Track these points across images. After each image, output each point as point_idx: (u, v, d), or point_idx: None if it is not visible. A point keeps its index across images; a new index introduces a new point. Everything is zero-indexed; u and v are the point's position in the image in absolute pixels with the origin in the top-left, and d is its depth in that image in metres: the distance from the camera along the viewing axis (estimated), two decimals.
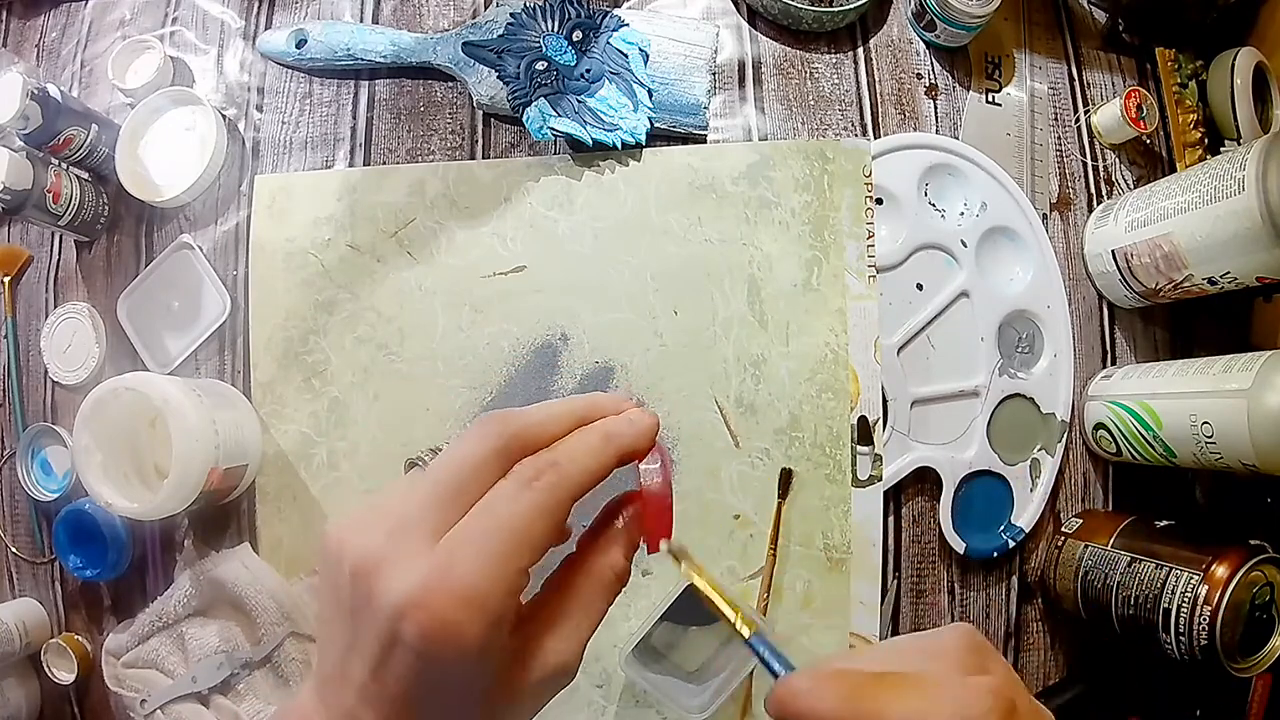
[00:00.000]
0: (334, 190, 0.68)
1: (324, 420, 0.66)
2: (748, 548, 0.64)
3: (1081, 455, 0.68)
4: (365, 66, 0.70)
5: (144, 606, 0.65)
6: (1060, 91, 0.72)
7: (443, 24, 0.71)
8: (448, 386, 0.66)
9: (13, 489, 0.70)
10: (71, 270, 0.72)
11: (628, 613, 0.64)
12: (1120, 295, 0.67)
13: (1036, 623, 0.67)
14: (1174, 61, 0.73)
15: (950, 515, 0.65)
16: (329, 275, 0.67)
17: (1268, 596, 0.53)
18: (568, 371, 0.66)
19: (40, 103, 0.63)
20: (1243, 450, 0.53)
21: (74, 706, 0.69)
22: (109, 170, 0.69)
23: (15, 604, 0.69)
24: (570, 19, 0.68)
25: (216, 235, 0.69)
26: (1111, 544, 0.60)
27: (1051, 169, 0.71)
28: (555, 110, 0.67)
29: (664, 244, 0.67)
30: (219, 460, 0.60)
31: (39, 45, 0.76)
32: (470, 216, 0.68)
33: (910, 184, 0.68)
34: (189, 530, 0.67)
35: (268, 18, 0.73)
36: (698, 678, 0.62)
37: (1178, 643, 0.53)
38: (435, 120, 0.70)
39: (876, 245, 0.67)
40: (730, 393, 0.66)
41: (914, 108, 0.70)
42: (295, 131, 0.70)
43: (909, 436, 0.66)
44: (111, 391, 0.58)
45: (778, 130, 0.69)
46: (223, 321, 0.68)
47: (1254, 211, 0.53)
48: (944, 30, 0.68)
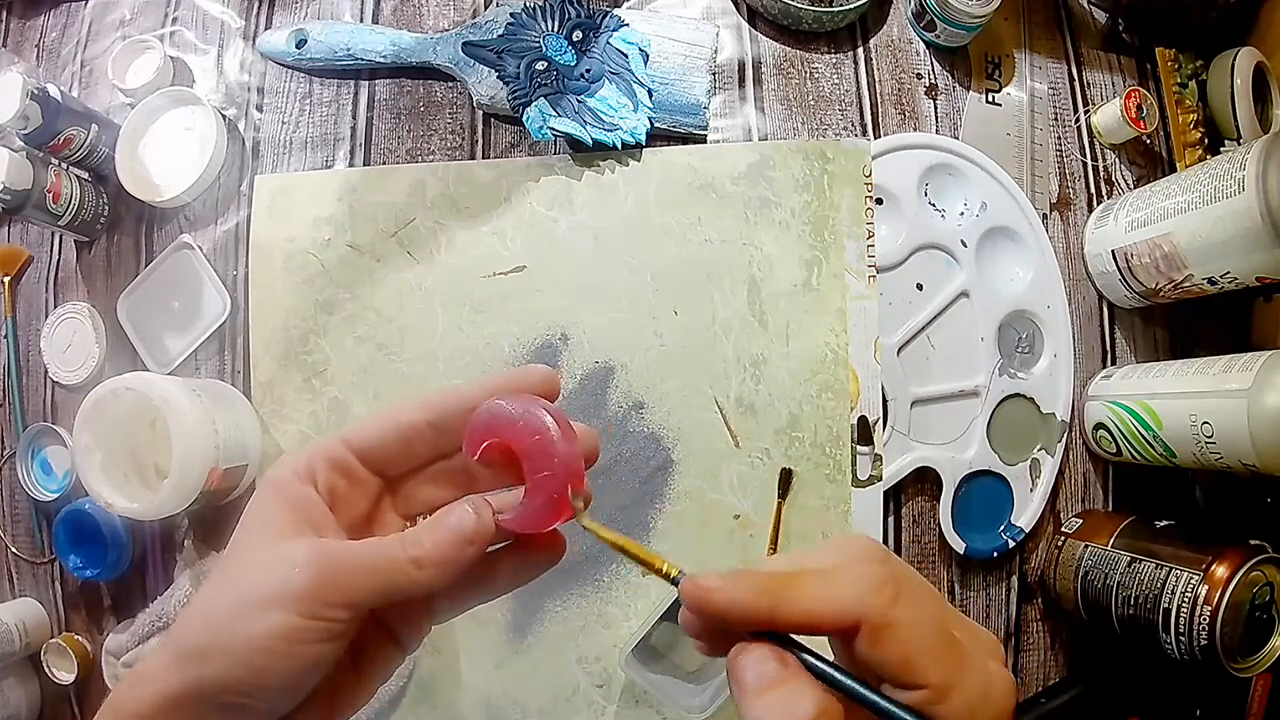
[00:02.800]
0: (334, 190, 0.68)
1: (324, 420, 0.66)
2: (748, 548, 0.64)
3: (1081, 455, 0.68)
4: (365, 66, 0.70)
5: (144, 606, 0.65)
6: (1060, 91, 0.72)
7: (443, 24, 0.71)
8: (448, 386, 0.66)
9: (13, 489, 0.70)
10: (71, 270, 0.72)
11: (628, 613, 0.64)
12: (1120, 295, 0.67)
13: (1036, 623, 0.67)
14: (1174, 61, 0.73)
15: (950, 515, 0.65)
16: (329, 275, 0.67)
17: (1268, 596, 0.53)
18: (568, 371, 0.66)
19: (40, 103, 0.63)
20: (1243, 450, 0.53)
21: (74, 706, 0.69)
22: (109, 170, 0.69)
23: (15, 604, 0.69)
24: (570, 19, 0.68)
25: (216, 235, 0.69)
26: (1111, 544, 0.60)
27: (1051, 169, 0.71)
28: (555, 110, 0.67)
29: (664, 244, 0.67)
30: (219, 460, 0.60)
31: (39, 45, 0.76)
32: (470, 216, 0.68)
33: (910, 184, 0.68)
34: (189, 530, 0.67)
35: (268, 18, 0.73)
36: (698, 678, 0.62)
37: (1178, 643, 0.53)
38: (435, 120, 0.70)
39: (876, 245, 0.67)
40: (730, 393, 0.66)
41: (914, 108, 0.70)
42: (295, 131, 0.70)
43: (909, 436, 0.66)
44: (111, 391, 0.58)
45: (778, 130, 0.69)
46: (223, 321, 0.68)
47: (1254, 211, 0.53)
48: (944, 30, 0.68)
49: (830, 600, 0.25)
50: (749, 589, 0.25)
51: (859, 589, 0.24)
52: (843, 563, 0.26)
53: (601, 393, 0.66)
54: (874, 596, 0.24)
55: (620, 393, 0.66)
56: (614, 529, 0.29)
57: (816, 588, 0.25)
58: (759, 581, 0.25)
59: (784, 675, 0.25)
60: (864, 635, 0.24)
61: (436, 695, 0.64)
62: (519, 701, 0.63)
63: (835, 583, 0.25)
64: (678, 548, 0.64)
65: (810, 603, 0.25)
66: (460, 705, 0.64)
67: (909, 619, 0.24)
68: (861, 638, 0.24)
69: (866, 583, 0.25)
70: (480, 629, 0.64)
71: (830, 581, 0.25)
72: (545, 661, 0.63)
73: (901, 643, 0.24)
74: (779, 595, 0.25)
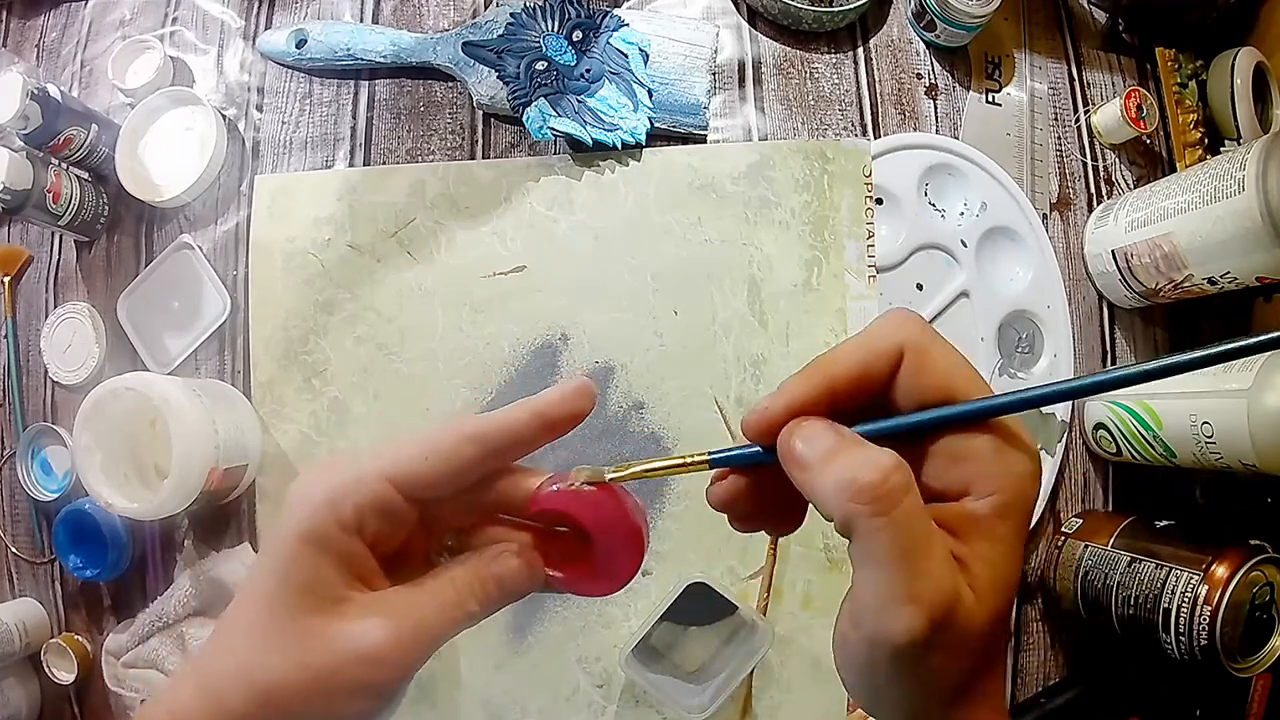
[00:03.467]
0: (334, 190, 0.68)
1: (324, 420, 0.66)
2: (748, 548, 0.64)
3: (1081, 455, 0.68)
4: (365, 66, 0.70)
5: (144, 606, 0.65)
6: (1060, 91, 0.72)
7: (443, 24, 0.71)
8: (448, 386, 0.66)
9: (13, 489, 0.70)
10: (71, 270, 0.72)
11: (628, 613, 0.64)
12: (1120, 295, 0.67)
13: (1036, 623, 0.67)
14: (1174, 61, 0.73)
15: None
16: (329, 275, 0.67)
17: (1268, 596, 0.53)
18: (568, 371, 0.66)
19: (40, 103, 0.63)
20: (1243, 450, 0.53)
21: (74, 706, 0.69)
22: (109, 170, 0.69)
23: (15, 604, 0.69)
24: (570, 19, 0.68)
25: (216, 235, 0.69)
26: (1111, 544, 0.60)
27: (1051, 169, 0.71)
28: (555, 110, 0.67)
29: (664, 244, 0.67)
30: (219, 460, 0.60)
31: (39, 45, 0.76)
32: (470, 216, 0.68)
33: (910, 184, 0.68)
34: (189, 530, 0.67)
35: (268, 18, 0.73)
36: (698, 678, 0.62)
37: (1178, 643, 0.53)
38: (435, 120, 0.70)
39: (876, 245, 0.67)
40: (730, 393, 0.66)
41: (914, 108, 0.70)
42: (295, 131, 0.70)
43: None
44: (111, 391, 0.58)
45: (778, 130, 0.69)
46: (223, 321, 0.68)
47: (1254, 211, 0.53)
48: (944, 30, 0.68)
49: (874, 341, 0.26)
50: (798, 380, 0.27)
51: (896, 327, 0.27)
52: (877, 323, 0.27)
53: (601, 393, 0.66)
54: (912, 329, 0.26)
55: (620, 393, 0.66)
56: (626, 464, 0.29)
57: (858, 341, 0.27)
58: (804, 371, 0.27)
59: (844, 442, 0.25)
60: (908, 363, 0.26)
61: (436, 695, 0.64)
62: (519, 701, 0.63)
63: (874, 330, 0.27)
64: (677, 548, 0.64)
65: (857, 352, 0.26)
66: (460, 705, 0.64)
67: (945, 348, 0.26)
68: (906, 365, 0.26)
69: (903, 322, 0.27)
70: (480, 629, 0.63)
71: (868, 333, 0.27)
72: (545, 661, 0.63)
73: (941, 366, 0.26)
74: (827, 365, 0.27)
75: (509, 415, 0.29)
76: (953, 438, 0.26)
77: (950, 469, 0.26)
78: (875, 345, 0.26)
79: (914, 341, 0.26)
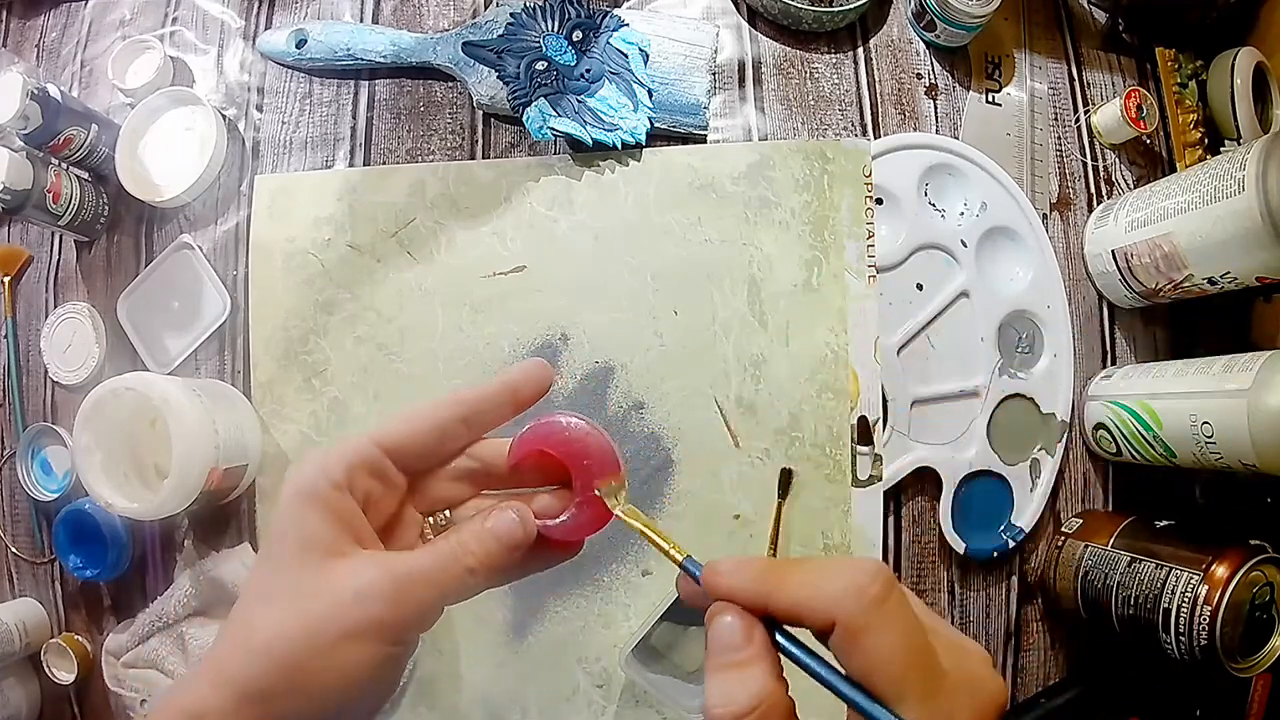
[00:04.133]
0: (334, 190, 0.68)
1: (324, 420, 0.66)
2: (748, 548, 0.64)
3: (1081, 455, 0.68)
4: (365, 66, 0.70)
5: (144, 606, 0.65)
6: (1060, 91, 0.72)
7: (443, 24, 0.71)
8: (448, 386, 0.66)
9: (13, 489, 0.70)
10: (71, 270, 0.72)
11: (628, 613, 0.64)
12: (1120, 295, 0.67)
13: (1036, 623, 0.67)
14: (1174, 61, 0.73)
15: (950, 515, 0.65)
16: (329, 275, 0.67)
17: (1268, 596, 0.53)
18: (568, 371, 0.66)
19: (40, 103, 0.63)
20: (1243, 450, 0.53)
21: (74, 706, 0.69)
22: (109, 170, 0.69)
23: (15, 604, 0.69)
24: (570, 19, 0.68)
25: (216, 235, 0.69)
26: (1111, 544, 0.60)
27: (1051, 169, 0.71)
28: (555, 110, 0.67)
29: (664, 244, 0.67)
30: (219, 460, 0.60)
31: (39, 45, 0.76)
32: (470, 216, 0.68)
33: (910, 184, 0.68)
34: (189, 530, 0.67)
35: (268, 18, 0.73)
36: (698, 678, 0.62)
37: (1178, 643, 0.53)
38: (435, 120, 0.70)
39: (876, 245, 0.67)
40: (730, 393, 0.66)
41: (914, 108, 0.70)
42: (295, 131, 0.70)
43: (909, 436, 0.66)
44: (111, 391, 0.58)
45: (778, 130, 0.69)
46: (223, 321, 0.68)
47: (1254, 211, 0.53)
48: (944, 30, 0.68)
49: (814, 597, 0.25)
50: (750, 575, 0.27)
51: (841, 590, 0.25)
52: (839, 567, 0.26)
53: (601, 393, 0.66)
54: (853, 601, 0.25)
55: (620, 393, 0.66)
56: (639, 516, 0.31)
57: (806, 582, 0.26)
58: (761, 568, 0.27)
59: (743, 656, 0.26)
60: (836, 636, 0.25)
61: (436, 695, 0.64)
62: (519, 701, 0.63)
63: (824, 580, 0.26)
64: None
65: (798, 594, 0.26)
66: (460, 705, 0.64)
67: (882, 629, 0.24)
68: (834, 638, 0.25)
69: (851, 586, 0.25)
70: (480, 629, 0.64)
71: (820, 579, 0.26)
72: (545, 661, 0.63)
73: (868, 651, 0.24)
74: (774, 583, 0.26)
75: (480, 385, 0.32)
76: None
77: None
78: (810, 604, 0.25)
79: (849, 620, 0.24)
